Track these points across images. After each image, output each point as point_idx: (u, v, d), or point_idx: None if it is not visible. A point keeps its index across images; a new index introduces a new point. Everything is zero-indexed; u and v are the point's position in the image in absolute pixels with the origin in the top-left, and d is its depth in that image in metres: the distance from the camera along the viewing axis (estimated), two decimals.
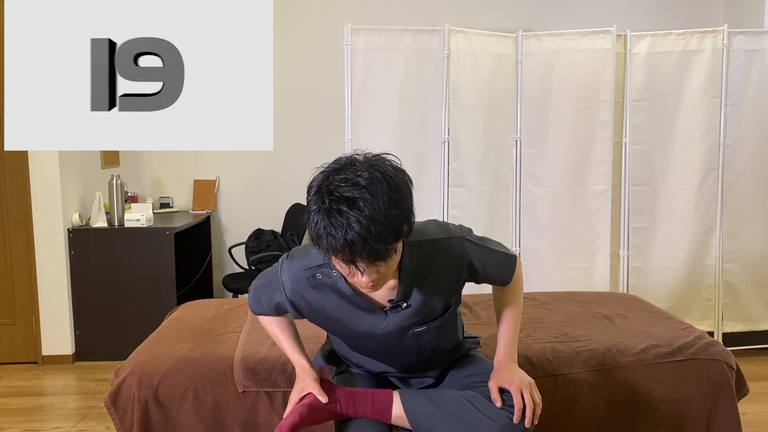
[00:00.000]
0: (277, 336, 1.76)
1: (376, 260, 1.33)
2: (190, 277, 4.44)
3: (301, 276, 1.56)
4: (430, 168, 3.50)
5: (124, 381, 1.91)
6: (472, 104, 3.50)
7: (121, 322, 3.76)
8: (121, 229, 3.79)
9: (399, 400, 1.61)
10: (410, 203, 1.38)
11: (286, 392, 1.87)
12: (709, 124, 3.55)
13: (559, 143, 3.58)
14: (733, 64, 3.52)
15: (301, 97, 4.55)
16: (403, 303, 1.54)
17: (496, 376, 1.61)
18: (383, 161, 1.39)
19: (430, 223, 1.61)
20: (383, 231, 1.29)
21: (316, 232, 1.32)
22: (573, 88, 3.55)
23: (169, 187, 4.71)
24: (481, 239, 1.65)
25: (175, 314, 2.52)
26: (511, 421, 1.53)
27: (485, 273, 1.64)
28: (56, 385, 3.47)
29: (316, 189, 1.34)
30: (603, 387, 1.99)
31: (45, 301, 3.72)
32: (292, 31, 4.50)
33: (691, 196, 3.59)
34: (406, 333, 1.59)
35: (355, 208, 1.28)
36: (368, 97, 3.42)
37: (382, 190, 1.30)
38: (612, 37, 3.50)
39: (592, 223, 3.61)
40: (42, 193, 3.65)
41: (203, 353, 2.01)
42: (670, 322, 2.32)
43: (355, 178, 1.31)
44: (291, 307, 1.62)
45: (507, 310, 1.72)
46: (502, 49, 3.55)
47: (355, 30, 3.37)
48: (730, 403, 2.02)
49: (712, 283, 3.64)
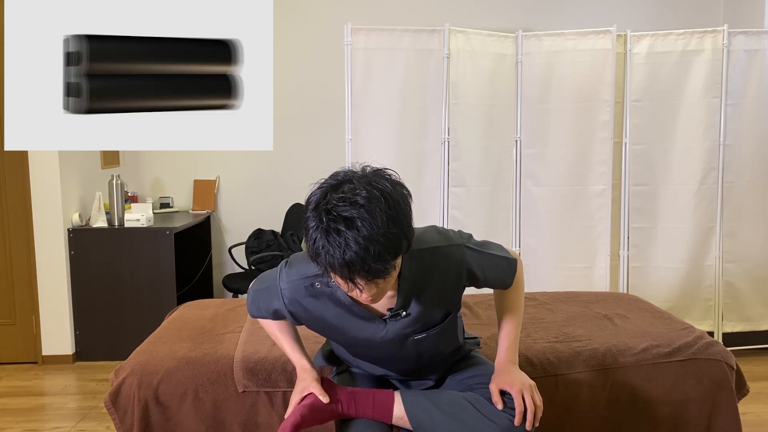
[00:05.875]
0: (277, 336, 1.76)
1: (375, 278, 1.32)
2: (190, 277, 4.44)
3: (300, 285, 1.55)
4: (430, 168, 3.50)
5: (124, 381, 1.91)
6: (472, 104, 3.50)
7: (121, 322, 3.76)
8: (121, 229, 3.80)
9: (400, 400, 1.61)
10: (409, 218, 1.37)
11: (286, 392, 1.87)
12: (709, 124, 3.55)
13: (559, 143, 3.58)
14: (733, 64, 3.52)
15: (301, 97, 4.56)
16: (403, 311, 1.53)
17: (497, 378, 1.60)
18: (381, 177, 1.37)
19: (430, 230, 1.59)
20: (382, 250, 1.28)
21: (314, 249, 1.32)
22: (573, 88, 3.55)
23: (169, 187, 4.71)
24: (481, 244, 1.64)
25: (175, 314, 2.52)
26: (512, 424, 1.53)
27: (486, 279, 1.64)
28: (56, 385, 3.47)
29: (314, 206, 1.33)
30: (603, 387, 1.99)
31: (45, 301, 3.72)
32: (292, 31, 4.50)
33: (691, 196, 3.59)
34: (406, 341, 1.59)
35: (353, 228, 1.27)
36: (368, 97, 3.42)
37: (381, 209, 1.29)
38: (612, 37, 3.51)
39: (592, 223, 3.61)
40: (42, 193, 3.65)
41: (203, 353, 2.01)
42: (670, 322, 2.32)
43: (353, 197, 1.30)
44: (289, 315, 1.62)
45: (508, 313, 1.71)
46: (502, 49, 3.55)
47: (355, 30, 3.37)
48: (730, 403, 2.02)
49: (712, 283, 3.65)
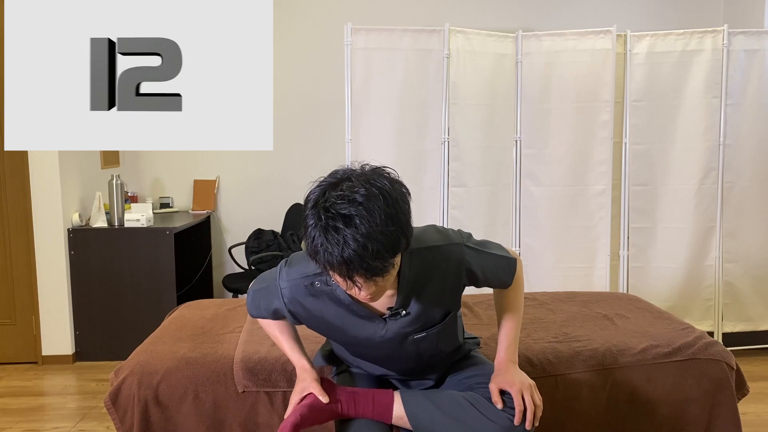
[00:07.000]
0: (277, 337, 1.76)
1: (374, 276, 1.32)
2: (190, 277, 4.44)
3: (300, 284, 1.56)
4: (430, 168, 3.50)
5: (124, 381, 1.91)
6: (471, 104, 3.50)
7: (121, 322, 3.76)
8: (121, 229, 3.79)
9: (400, 400, 1.61)
10: (408, 216, 1.37)
11: (286, 392, 1.87)
12: (709, 124, 3.55)
13: (559, 143, 3.58)
14: (733, 64, 3.52)
15: (301, 97, 4.55)
16: (402, 311, 1.54)
17: (496, 377, 1.60)
18: (380, 175, 1.37)
19: (429, 229, 1.59)
20: (380, 248, 1.28)
21: (313, 247, 1.32)
22: (573, 88, 3.55)
23: (169, 187, 4.71)
24: (481, 244, 1.64)
25: (175, 314, 2.52)
26: (512, 423, 1.53)
27: (485, 278, 1.64)
28: (56, 385, 3.47)
29: (312, 204, 1.33)
30: (603, 387, 1.99)
31: (45, 301, 3.72)
32: (292, 31, 4.50)
33: (691, 196, 3.59)
34: (406, 340, 1.59)
35: (351, 226, 1.27)
36: (368, 97, 3.42)
37: (379, 206, 1.29)
38: (612, 37, 3.51)
39: (592, 223, 3.61)
40: (42, 193, 3.65)
41: (203, 353, 2.01)
42: (670, 322, 2.32)
43: (351, 195, 1.30)
44: (289, 314, 1.62)
45: (508, 312, 1.71)
46: (502, 49, 3.55)
47: (355, 30, 3.37)
48: (730, 403, 2.02)
49: (712, 283, 3.64)
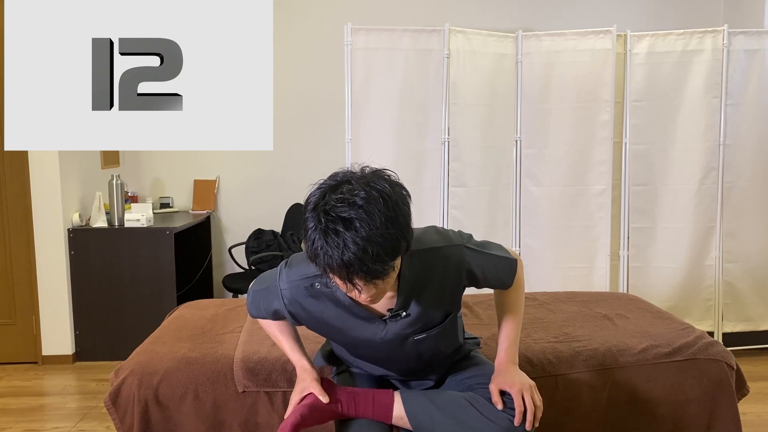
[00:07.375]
0: (277, 337, 1.76)
1: (374, 279, 1.32)
2: (190, 277, 4.44)
3: (300, 285, 1.56)
4: (430, 168, 3.50)
5: (124, 381, 1.91)
6: (471, 104, 3.50)
7: (121, 322, 3.76)
8: (121, 229, 3.79)
9: (400, 400, 1.61)
10: (408, 219, 1.36)
11: (286, 392, 1.87)
12: (709, 124, 3.55)
13: (559, 143, 3.58)
14: (733, 64, 3.52)
15: (301, 97, 4.55)
16: (403, 312, 1.54)
17: (497, 378, 1.60)
18: (380, 177, 1.36)
19: (430, 231, 1.58)
20: (380, 251, 1.28)
21: (313, 250, 1.31)
22: (573, 88, 3.55)
23: (169, 187, 4.71)
24: (481, 245, 1.63)
25: (175, 314, 2.52)
26: (512, 424, 1.52)
27: (486, 279, 1.64)
28: (56, 385, 3.47)
29: (312, 207, 1.33)
30: (603, 387, 1.99)
31: (45, 301, 3.72)
32: (292, 31, 4.50)
33: (691, 196, 3.59)
34: (406, 341, 1.58)
35: (351, 229, 1.27)
36: (368, 97, 3.42)
37: (379, 209, 1.29)
38: (612, 37, 3.51)
39: (592, 223, 3.61)
40: (42, 193, 3.65)
41: (203, 353, 2.01)
42: (670, 322, 2.32)
43: (351, 197, 1.29)
44: (289, 316, 1.62)
45: (508, 313, 1.71)
46: (502, 49, 3.55)
47: (355, 30, 3.37)
48: (730, 403, 2.02)
49: (712, 283, 3.64)
